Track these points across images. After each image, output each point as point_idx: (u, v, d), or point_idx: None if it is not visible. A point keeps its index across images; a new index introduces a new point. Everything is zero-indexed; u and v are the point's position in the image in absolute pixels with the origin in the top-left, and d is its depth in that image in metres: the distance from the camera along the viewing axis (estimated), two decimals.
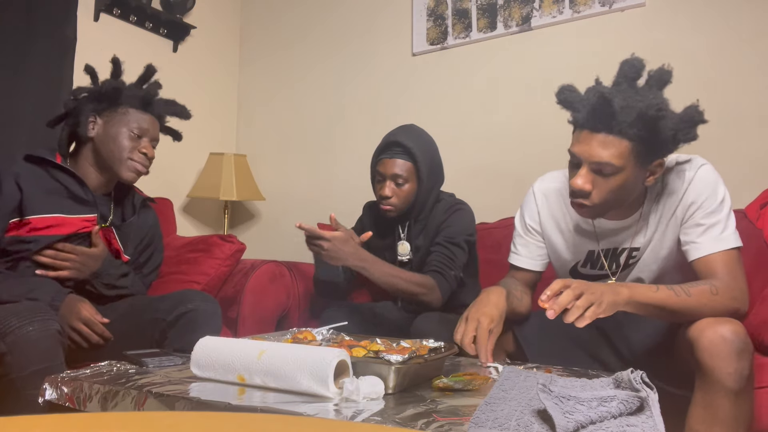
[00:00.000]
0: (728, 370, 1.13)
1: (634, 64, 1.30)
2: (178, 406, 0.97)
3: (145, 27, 2.74)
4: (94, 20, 2.55)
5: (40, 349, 1.28)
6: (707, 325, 1.17)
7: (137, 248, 1.82)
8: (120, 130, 1.67)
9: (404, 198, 1.82)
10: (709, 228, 1.32)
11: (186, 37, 2.93)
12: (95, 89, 1.71)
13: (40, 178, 1.62)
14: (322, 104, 2.97)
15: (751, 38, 2.03)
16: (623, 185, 1.30)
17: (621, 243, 1.46)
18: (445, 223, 1.82)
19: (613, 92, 1.25)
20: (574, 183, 1.32)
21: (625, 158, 1.26)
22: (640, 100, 1.23)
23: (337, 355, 1.01)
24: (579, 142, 1.31)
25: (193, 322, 1.51)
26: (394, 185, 1.80)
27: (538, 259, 1.57)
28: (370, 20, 2.84)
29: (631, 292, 1.22)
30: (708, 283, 1.26)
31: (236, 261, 2.21)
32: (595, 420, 0.87)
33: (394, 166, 1.79)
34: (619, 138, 1.25)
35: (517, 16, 2.44)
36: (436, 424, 0.87)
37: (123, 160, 1.67)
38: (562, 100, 1.38)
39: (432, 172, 1.84)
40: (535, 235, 1.57)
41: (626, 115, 1.23)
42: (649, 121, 1.22)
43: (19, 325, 1.28)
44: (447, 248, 1.78)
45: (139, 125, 1.69)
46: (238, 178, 2.82)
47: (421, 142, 1.83)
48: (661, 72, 1.30)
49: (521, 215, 1.60)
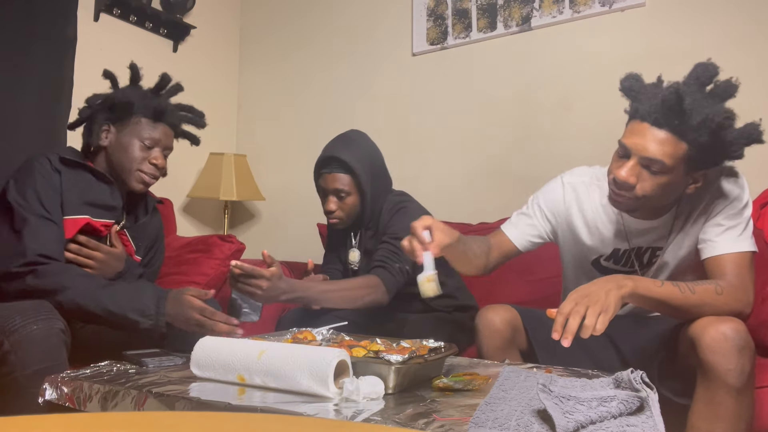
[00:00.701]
0: (729, 367, 1.14)
1: (708, 68, 1.27)
2: (178, 406, 0.97)
3: (145, 27, 2.74)
4: (94, 20, 2.55)
5: (43, 348, 1.28)
6: (709, 323, 1.18)
7: (147, 249, 1.82)
8: (131, 141, 1.66)
9: (348, 210, 1.82)
10: (728, 229, 1.33)
11: (186, 37, 2.93)
12: (109, 96, 1.70)
13: (77, 178, 1.61)
14: (322, 104, 2.97)
15: (750, 38, 2.03)
16: (666, 186, 1.28)
17: (647, 243, 1.45)
18: (389, 223, 1.81)
19: (686, 91, 1.22)
20: (618, 173, 1.29)
21: (677, 160, 1.24)
22: (708, 106, 1.21)
23: (337, 355, 1.01)
24: (634, 134, 1.27)
25: None
26: (336, 199, 1.81)
27: (529, 241, 1.55)
28: (370, 20, 2.84)
29: (635, 285, 1.21)
30: (714, 282, 1.27)
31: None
32: (595, 420, 0.87)
33: (334, 181, 1.79)
34: (678, 138, 1.23)
35: (517, 16, 2.44)
36: (436, 424, 0.87)
37: (132, 170, 1.66)
38: (625, 88, 1.34)
39: (374, 180, 1.82)
40: (542, 220, 1.55)
41: (692, 118, 1.20)
42: (713, 129, 1.20)
43: (23, 324, 1.28)
44: (390, 243, 1.76)
45: (150, 136, 1.67)
46: (238, 178, 2.82)
47: (359, 154, 1.81)
48: (728, 84, 1.27)
49: (536, 197, 1.57)
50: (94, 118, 1.67)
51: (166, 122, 1.71)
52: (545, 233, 1.56)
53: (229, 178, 2.79)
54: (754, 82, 2.02)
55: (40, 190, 1.52)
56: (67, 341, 1.35)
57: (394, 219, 1.81)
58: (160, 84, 1.75)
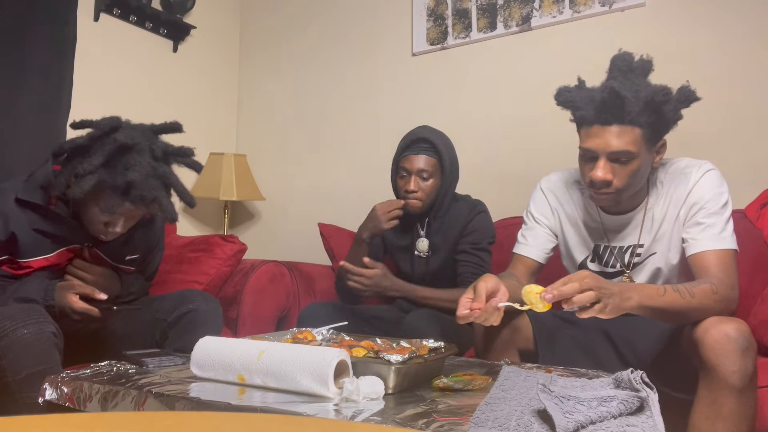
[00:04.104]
0: (733, 368, 1.14)
1: (623, 56, 1.40)
2: (178, 406, 0.97)
3: (145, 27, 2.74)
4: (94, 20, 2.54)
5: (34, 352, 1.28)
6: (712, 325, 1.19)
7: (145, 253, 1.77)
8: (91, 206, 1.48)
9: (429, 192, 1.86)
10: (708, 227, 1.37)
11: (186, 37, 2.92)
12: (77, 148, 1.47)
13: (32, 220, 1.51)
14: (322, 104, 2.97)
15: (750, 38, 2.02)
16: (639, 169, 1.37)
17: (625, 239, 1.50)
18: (470, 226, 1.88)
19: (620, 85, 1.31)
20: (594, 175, 1.37)
21: (639, 144, 1.34)
22: (643, 89, 1.31)
23: (337, 355, 1.01)
24: (593, 137, 1.37)
25: (193, 322, 1.51)
26: (419, 180, 1.85)
27: (543, 250, 1.59)
28: (370, 20, 2.84)
29: (640, 298, 1.23)
30: (707, 282, 1.29)
31: (237, 261, 2.21)
32: (595, 420, 0.87)
33: (419, 162, 1.85)
34: (631, 126, 1.32)
35: (517, 16, 2.44)
36: (436, 424, 0.87)
37: (93, 229, 1.54)
38: (562, 101, 1.44)
39: (453, 168, 1.90)
40: (543, 227, 1.60)
41: (635, 105, 1.30)
42: (656, 107, 1.31)
43: (14, 328, 1.27)
44: (475, 255, 1.85)
45: (111, 212, 1.46)
46: (238, 178, 2.82)
47: (444, 140, 1.90)
48: (643, 61, 1.40)
49: (529, 209, 1.63)
50: (64, 164, 1.50)
51: (133, 202, 1.45)
52: (552, 238, 1.60)
53: (229, 178, 2.79)
54: (754, 82, 2.02)
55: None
56: (59, 344, 1.34)
57: (475, 224, 1.89)
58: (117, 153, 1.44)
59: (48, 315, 1.36)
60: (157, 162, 1.50)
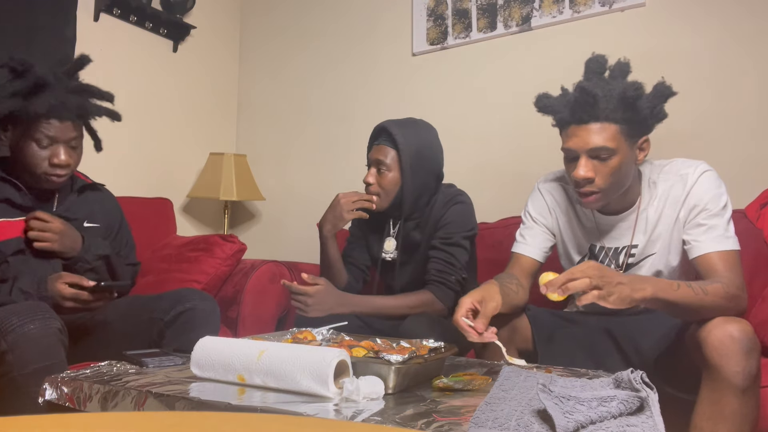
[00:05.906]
0: (736, 368, 1.14)
1: (597, 59, 1.44)
2: (178, 406, 0.97)
3: (145, 27, 2.74)
4: (94, 20, 2.54)
5: (41, 347, 1.29)
6: (716, 325, 1.19)
7: (106, 237, 1.76)
8: (27, 144, 1.54)
9: (386, 187, 1.76)
10: (710, 228, 1.36)
11: (186, 37, 2.92)
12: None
13: None
14: (322, 104, 2.97)
15: (750, 38, 2.02)
16: (620, 166, 1.38)
17: (619, 240, 1.50)
18: (443, 219, 1.75)
19: (591, 84, 1.36)
20: (576, 174, 1.39)
21: (617, 140, 1.36)
22: (615, 87, 1.35)
23: (337, 355, 1.01)
24: (571, 137, 1.40)
25: (191, 321, 1.51)
26: (376, 172, 1.77)
27: (542, 249, 1.59)
28: (371, 20, 2.84)
29: (654, 290, 1.22)
30: (719, 282, 1.29)
31: (237, 261, 2.21)
32: (595, 420, 0.87)
33: (378, 153, 1.77)
34: (607, 123, 1.35)
35: (517, 16, 2.44)
36: (436, 424, 0.87)
37: (38, 174, 1.57)
38: (541, 108, 1.48)
39: (420, 165, 1.76)
40: (541, 226, 1.60)
41: (608, 102, 1.34)
42: (629, 102, 1.34)
43: (20, 324, 1.28)
44: (444, 251, 1.73)
45: (46, 134, 1.53)
46: (238, 178, 2.82)
47: (410, 133, 1.77)
48: (620, 63, 1.43)
49: (528, 209, 1.63)
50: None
51: (59, 118, 1.55)
52: (550, 237, 1.60)
53: (229, 178, 2.79)
54: (754, 82, 2.02)
55: None
56: (64, 340, 1.35)
57: (449, 214, 1.76)
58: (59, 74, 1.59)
59: (53, 311, 1.37)
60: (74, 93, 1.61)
